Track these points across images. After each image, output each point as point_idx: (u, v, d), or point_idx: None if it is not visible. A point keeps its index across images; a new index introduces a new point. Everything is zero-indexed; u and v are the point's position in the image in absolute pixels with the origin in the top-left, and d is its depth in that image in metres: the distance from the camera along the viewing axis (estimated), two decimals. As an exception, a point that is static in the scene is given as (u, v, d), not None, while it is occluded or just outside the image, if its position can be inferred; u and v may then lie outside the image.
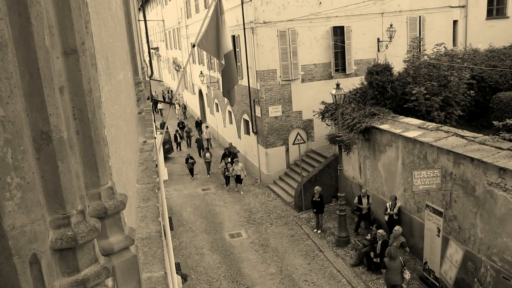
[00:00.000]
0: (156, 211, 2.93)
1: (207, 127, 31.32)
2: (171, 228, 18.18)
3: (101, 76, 2.47)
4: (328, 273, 14.54)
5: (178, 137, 31.27)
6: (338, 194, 15.98)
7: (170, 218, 18.99)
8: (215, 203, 21.51)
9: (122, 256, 1.82)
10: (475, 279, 11.23)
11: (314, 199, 16.95)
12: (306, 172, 20.03)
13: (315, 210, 17.14)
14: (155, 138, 7.59)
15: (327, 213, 18.30)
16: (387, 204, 14.85)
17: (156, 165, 7.08)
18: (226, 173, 22.61)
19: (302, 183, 19.16)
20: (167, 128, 31.14)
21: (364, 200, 16.17)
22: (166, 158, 28.31)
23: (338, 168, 16.06)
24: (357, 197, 16.46)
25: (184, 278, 13.65)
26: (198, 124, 32.83)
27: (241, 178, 22.18)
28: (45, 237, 1.48)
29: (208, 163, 25.26)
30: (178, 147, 31.33)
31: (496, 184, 10.87)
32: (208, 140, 30.28)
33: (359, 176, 17.78)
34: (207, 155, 25.20)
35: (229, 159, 23.23)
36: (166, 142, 28.55)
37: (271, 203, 20.45)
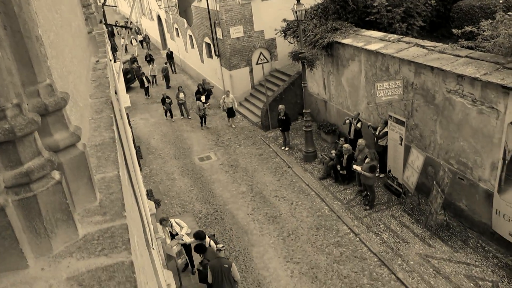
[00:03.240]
0: (110, 120, 2.90)
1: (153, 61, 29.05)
2: (140, 157, 18.21)
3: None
4: (297, 188, 15.04)
5: (145, 81, 27.09)
6: (304, 110, 16.14)
7: (138, 147, 18.96)
8: (183, 128, 21.49)
9: (69, 153, 1.81)
10: (434, 182, 11.84)
11: (279, 117, 17.11)
12: (271, 91, 20.03)
13: (281, 128, 17.37)
14: (110, 60, 7.36)
15: (293, 130, 18.60)
16: (350, 119, 15.08)
17: (116, 91, 6.92)
18: (200, 112, 20.84)
19: (267, 103, 19.23)
20: (135, 62, 30.09)
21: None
22: (129, 88, 27.73)
23: (302, 85, 16.09)
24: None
25: (157, 204, 13.86)
26: (169, 56, 31.06)
27: (234, 110, 20.59)
28: (-19, 131, 1.44)
29: (182, 105, 22.72)
30: (147, 93, 27.35)
31: (455, 91, 11.16)
32: (153, 76, 28.26)
33: (323, 92, 17.92)
34: (181, 95, 22.46)
35: (203, 97, 21.60)
36: (128, 72, 27.82)
37: (238, 124, 20.57)
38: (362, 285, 10.53)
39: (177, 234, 11.30)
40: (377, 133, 14.06)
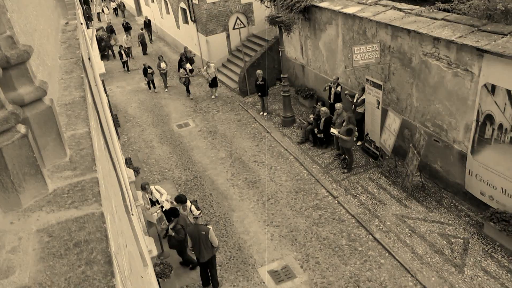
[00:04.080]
0: (80, 80, 2.83)
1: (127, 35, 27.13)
2: (118, 125, 18.00)
3: None
4: (276, 152, 15.13)
5: (124, 55, 25.04)
6: (281, 75, 16.07)
7: (115, 116, 18.71)
8: (160, 96, 21.23)
9: (35, 108, 1.76)
10: (411, 145, 12.03)
11: (257, 83, 17.01)
12: (248, 57, 19.83)
13: (259, 93, 17.30)
14: (82, 24, 7.15)
15: (271, 95, 18.56)
16: (329, 83, 15.07)
17: (89, 58, 6.75)
18: (182, 80, 20.22)
19: (245, 69, 19.07)
20: (113, 32, 29.10)
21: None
22: (103, 56, 27.09)
23: (279, 50, 15.96)
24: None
25: (136, 172, 13.80)
26: (147, 25, 29.93)
27: (217, 80, 19.99)
28: None
29: (164, 75, 21.77)
30: (125, 66, 25.54)
31: (431, 54, 11.22)
32: (129, 48, 26.53)
33: (301, 57, 17.83)
34: (162, 65, 21.43)
35: (188, 65, 20.99)
36: (102, 39, 27.10)
37: (216, 90, 20.38)
38: (341, 246, 10.78)
39: (157, 201, 11.33)
40: (355, 101, 14.12)
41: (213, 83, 19.78)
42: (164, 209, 11.38)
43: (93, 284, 1.29)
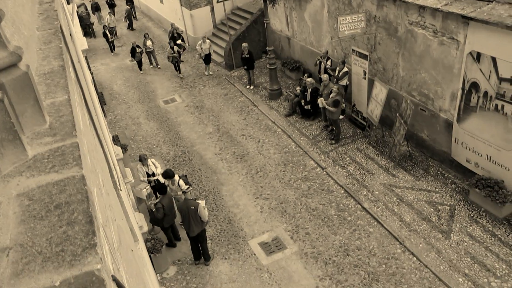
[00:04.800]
0: (59, 50, 2.77)
1: (110, 12, 26.06)
2: (104, 103, 17.81)
3: None
4: (264, 125, 15.11)
5: (108, 34, 23.67)
6: (267, 48, 15.91)
7: (101, 93, 18.48)
8: (146, 72, 20.96)
9: (10, 74, 1.72)
10: (397, 114, 12.08)
11: (243, 56, 16.85)
12: (233, 30, 19.58)
13: (245, 67, 17.15)
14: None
15: (258, 68, 18.43)
16: (319, 57, 14.94)
17: (71, 33, 6.60)
18: (170, 59, 19.37)
19: (230, 42, 18.85)
20: (98, 9, 28.34)
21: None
22: (86, 33, 26.53)
23: (264, 22, 15.77)
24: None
25: (124, 149, 13.71)
26: (130, 0, 28.90)
27: (211, 56, 19.19)
28: None
29: (151, 53, 20.97)
30: (111, 46, 24.08)
31: (416, 22, 11.17)
32: (113, 28, 25.21)
33: (286, 29, 17.66)
34: (148, 43, 20.50)
35: (180, 41, 20.31)
36: (81, 18, 26.39)
37: (202, 65, 20.17)
38: (330, 216, 10.90)
39: (153, 173, 11.35)
40: (336, 74, 14.08)
41: (207, 59, 19.11)
42: (154, 183, 11.42)
43: (74, 243, 1.28)
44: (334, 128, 13.52)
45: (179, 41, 20.27)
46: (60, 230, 1.33)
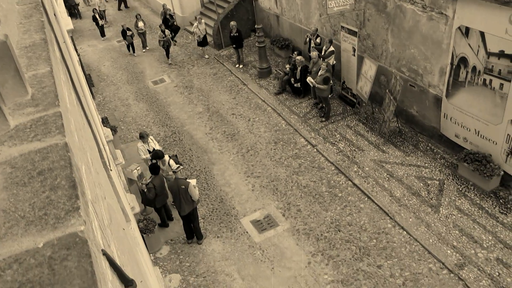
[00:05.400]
0: (40, 24, 2.72)
1: None
2: (92, 85, 17.63)
3: None
4: (254, 104, 15.07)
5: (98, 18, 22.62)
6: (256, 26, 15.78)
7: (88, 75, 18.28)
8: (138, 54, 20.68)
9: (-12, 42, 1.69)
10: (387, 90, 12.10)
11: (232, 34, 16.70)
12: (221, 9, 19.34)
13: (234, 45, 17.02)
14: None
15: (247, 47, 18.29)
16: (308, 35, 14.84)
17: (55, 13, 6.48)
18: (161, 43, 18.63)
19: (218, 21, 18.65)
20: None
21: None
22: (71, 14, 26.11)
23: (253, 0, 15.60)
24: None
25: (114, 130, 13.63)
26: None
27: (207, 38, 18.60)
28: None
29: (143, 34, 20.37)
30: (102, 31, 23.21)
31: (406, -3, 11.11)
32: (103, 11, 24.49)
33: (275, 7, 17.48)
34: (140, 24, 19.87)
35: (174, 22, 19.83)
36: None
37: (190, 45, 19.99)
38: (321, 193, 10.97)
39: (154, 149, 11.31)
40: (322, 53, 14.01)
41: (204, 41, 18.50)
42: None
43: (57, 207, 1.28)
44: (324, 105, 13.52)
45: (172, 22, 19.70)
46: (43, 195, 1.33)
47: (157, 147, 11.52)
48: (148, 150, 11.40)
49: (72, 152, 1.52)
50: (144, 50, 20.74)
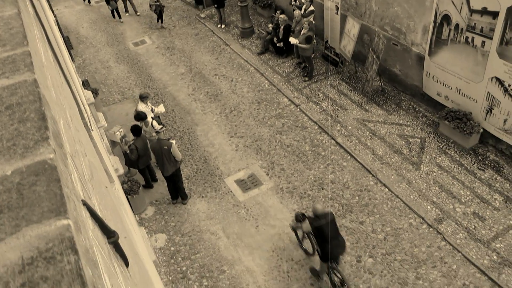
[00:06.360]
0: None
1: None
2: (71, 47, 17.20)
3: None
4: (237, 64, 14.92)
5: None
6: (238, -15, 15.46)
7: (67, 37, 17.80)
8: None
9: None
10: (370, 49, 12.05)
11: (214, -6, 16.35)
12: (203, -33, 18.86)
13: (216, 5, 16.67)
14: None
15: (228, 7, 17.95)
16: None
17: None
18: (153, 8, 17.86)
19: (200, -20, 18.20)
20: None
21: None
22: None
23: (235, -44, 15.20)
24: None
25: (95, 93, 13.41)
26: None
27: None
28: None
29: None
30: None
31: (389, -47, 10.91)
32: None
33: (258, -36, 17.09)
34: None
35: None
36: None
37: (171, 5, 19.53)
38: (304, 152, 11.05)
39: (152, 109, 11.15)
40: (302, 12, 13.80)
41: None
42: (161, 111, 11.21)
43: (26, 138, 1.26)
44: (307, 65, 13.43)
45: None
46: (12, 127, 1.30)
47: (161, 109, 11.22)
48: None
49: (41, 88, 1.48)
50: (127, 14, 19.92)
